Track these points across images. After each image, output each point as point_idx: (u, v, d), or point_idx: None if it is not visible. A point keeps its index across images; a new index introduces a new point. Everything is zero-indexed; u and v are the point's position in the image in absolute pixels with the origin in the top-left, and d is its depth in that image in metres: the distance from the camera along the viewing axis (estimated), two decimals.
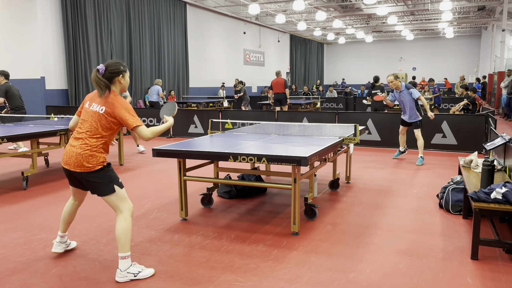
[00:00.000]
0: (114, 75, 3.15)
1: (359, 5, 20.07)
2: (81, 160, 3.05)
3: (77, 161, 3.06)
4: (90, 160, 3.05)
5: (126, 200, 3.19)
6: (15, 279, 3.17)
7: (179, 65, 17.69)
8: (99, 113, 3.09)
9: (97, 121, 3.08)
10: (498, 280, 3.14)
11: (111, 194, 3.12)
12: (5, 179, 6.49)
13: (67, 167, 3.13)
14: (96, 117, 3.09)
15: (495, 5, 19.50)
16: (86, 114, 3.15)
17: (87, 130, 3.09)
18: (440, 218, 4.55)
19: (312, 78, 32.22)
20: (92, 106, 3.14)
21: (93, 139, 3.08)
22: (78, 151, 3.06)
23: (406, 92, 7.25)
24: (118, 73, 3.16)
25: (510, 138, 4.48)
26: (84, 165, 3.05)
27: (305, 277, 3.19)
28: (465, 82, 18.38)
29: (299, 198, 4.00)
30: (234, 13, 21.06)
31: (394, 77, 7.12)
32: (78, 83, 13.14)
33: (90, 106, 3.15)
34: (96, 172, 3.08)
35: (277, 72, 13.40)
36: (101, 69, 3.11)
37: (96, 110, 3.10)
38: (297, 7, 16.36)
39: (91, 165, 3.06)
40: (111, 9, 14.01)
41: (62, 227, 3.53)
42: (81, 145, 3.07)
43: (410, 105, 7.29)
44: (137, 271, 3.14)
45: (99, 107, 3.10)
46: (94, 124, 3.09)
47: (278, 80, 13.10)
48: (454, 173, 6.64)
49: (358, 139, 5.09)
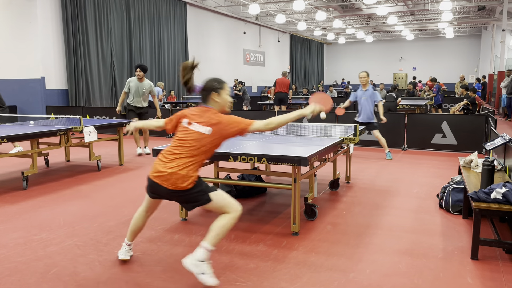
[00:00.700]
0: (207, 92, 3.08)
1: (359, 5, 20.07)
2: (177, 180, 2.92)
3: (172, 179, 2.92)
4: (186, 180, 2.93)
5: (231, 205, 3.04)
6: (15, 279, 3.17)
7: (179, 65, 17.69)
8: (205, 134, 2.98)
9: (201, 141, 2.97)
10: (498, 280, 3.14)
11: (209, 203, 3.00)
12: (5, 179, 6.49)
13: (158, 181, 2.96)
14: (201, 138, 2.97)
15: (495, 5, 19.50)
16: (186, 134, 3.02)
17: (186, 152, 2.96)
18: (440, 218, 4.55)
19: (312, 78, 32.21)
20: (192, 125, 3.02)
21: (192, 161, 2.96)
22: (174, 171, 2.92)
23: (370, 93, 7.33)
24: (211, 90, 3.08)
25: (510, 138, 4.48)
26: (179, 185, 2.93)
27: (305, 277, 3.19)
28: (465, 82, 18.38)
29: (299, 198, 3.99)
30: (234, 13, 21.06)
31: (367, 74, 7.28)
32: (78, 83, 13.14)
33: (190, 125, 3.03)
34: (190, 190, 2.96)
35: (283, 72, 13.48)
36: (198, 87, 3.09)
37: (199, 131, 2.99)
38: (297, 7, 16.36)
39: (187, 183, 2.93)
40: (111, 9, 14.01)
41: (131, 236, 3.40)
42: (178, 165, 2.93)
43: (369, 106, 7.35)
44: (207, 272, 2.96)
45: (203, 128, 2.98)
46: (196, 145, 2.97)
47: (283, 79, 13.16)
48: (454, 173, 6.64)
49: (358, 139, 5.09)
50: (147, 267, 3.36)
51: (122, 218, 4.58)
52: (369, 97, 7.37)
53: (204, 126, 2.99)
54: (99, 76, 13.72)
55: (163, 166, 2.97)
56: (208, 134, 2.98)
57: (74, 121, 7.45)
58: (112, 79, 14.27)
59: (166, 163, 2.98)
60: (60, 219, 4.57)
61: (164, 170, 2.95)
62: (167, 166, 2.96)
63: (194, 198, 3.00)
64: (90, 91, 13.45)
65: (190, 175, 2.95)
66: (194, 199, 3.00)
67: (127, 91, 8.20)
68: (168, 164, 2.97)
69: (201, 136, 2.98)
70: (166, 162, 2.98)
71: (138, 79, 8.12)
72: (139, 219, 3.34)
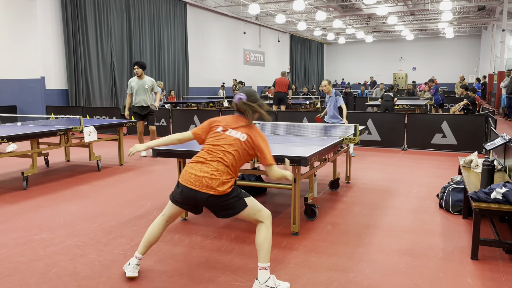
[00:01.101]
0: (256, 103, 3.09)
1: (359, 5, 20.07)
2: (216, 182, 2.88)
3: (211, 182, 2.88)
4: (225, 183, 2.90)
5: (263, 209, 3.02)
6: (15, 279, 3.17)
7: (179, 65, 17.69)
8: (242, 141, 2.99)
9: (238, 148, 2.97)
10: (498, 280, 3.15)
11: (244, 209, 2.97)
12: (5, 179, 6.49)
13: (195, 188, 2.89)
14: (239, 145, 2.98)
15: (495, 5, 19.50)
16: (221, 139, 3.01)
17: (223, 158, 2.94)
18: (440, 218, 4.55)
19: (312, 78, 32.21)
20: (229, 131, 3.02)
21: (228, 167, 2.94)
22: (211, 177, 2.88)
23: (333, 99, 7.87)
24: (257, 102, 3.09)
25: (510, 138, 4.48)
26: (218, 190, 2.88)
27: (305, 277, 3.19)
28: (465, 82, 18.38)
29: (299, 198, 4.00)
30: (234, 13, 21.06)
31: (328, 83, 7.89)
32: (78, 83, 13.14)
33: (226, 131, 3.03)
34: (228, 195, 2.92)
35: (283, 72, 13.48)
36: (243, 97, 3.06)
37: (236, 137, 3.00)
38: (297, 7, 16.36)
39: (225, 188, 2.90)
40: (111, 9, 14.01)
41: (144, 249, 3.17)
42: (213, 171, 2.90)
43: (332, 109, 7.89)
44: (275, 285, 2.95)
45: (239, 134, 3.00)
46: (232, 151, 2.96)
47: (282, 79, 13.16)
48: (454, 173, 6.64)
49: (358, 139, 5.09)
50: (147, 267, 3.36)
51: (122, 218, 4.58)
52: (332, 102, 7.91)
53: (239, 132, 3.02)
54: (99, 76, 13.72)
55: (200, 171, 2.91)
56: (243, 141, 2.99)
57: (74, 121, 7.45)
58: (112, 79, 14.27)
59: (202, 168, 2.92)
60: (60, 219, 4.57)
61: (202, 174, 2.90)
62: (205, 170, 2.91)
63: (232, 204, 2.94)
64: (90, 91, 13.45)
65: (228, 181, 2.92)
66: (232, 205, 2.94)
67: (130, 92, 8.09)
68: (205, 168, 2.92)
69: (237, 142, 2.98)
70: (203, 167, 2.93)
71: (138, 77, 8.00)
72: (157, 228, 3.15)
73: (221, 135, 3.03)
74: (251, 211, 2.99)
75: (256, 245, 2.99)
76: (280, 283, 3.00)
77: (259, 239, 2.98)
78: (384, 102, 11.86)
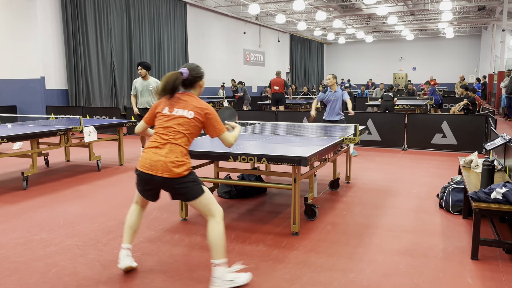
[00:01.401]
0: (197, 79, 3.12)
1: (359, 5, 20.07)
2: (172, 167, 2.89)
3: (166, 167, 2.89)
4: (181, 165, 2.91)
5: (217, 203, 3.04)
6: (15, 279, 3.17)
7: (179, 65, 17.67)
8: (187, 118, 2.98)
9: (186, 125, 2.97)
10: (498, 280, 3.14)
11: (201, 196, 2.97)
12: (5, 179, 6.49)
13: (152, 173, 2.91)
14: (185, 122, 2.98)
15: (495, 5, 19.49)
16: (169, 120, 3.00)
17: (175, 137, 2.96)
18: (440, 218, 4.55)
19: (312, 78, 32.21)
20: (175, 111, 3.01)
21: (181, 146, 2.95)
22: (167, 159, 2.90)
23: (339, 93, 7.75)
24: (200, 77, 3.14)
25: (510, 138, 4.47)
26: (174, 171, 2.89)
27: (305, 277, 3.19)
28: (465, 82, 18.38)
29: (299, 198, 4.00)
30: (234, 13, 21.05)
31: (333, 77, 7.77)
32: (78, 83, 13.13)
33: (172, 111, 3.02)
34: (185, 177, 2.94)
35: (277, 72, 13.43)
36: (185, 73, 3.06)
37: (183, 115, 2.99)
38: (297, 7, 16.35)
39: (181, 170, 2.91)
40: (111, 9, 14.01)
41: (129, 237, 3.22)
42: (168, 152, 2.91)
43: (338, 104, 7.74)
44: (234, 278, 2.98)
45: (185, 111, 2.99)
46: (181, 130, 2.97)
47: (277, 79, 13.12)
48: (454, 173, 6.64)
49: (358, 139, 5.09)
50: (147, 267, 3.36)
51: (122, 218, 4.58)
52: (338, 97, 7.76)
53: (186, 110, 3.01)
54: (99, 76, 13.72)
55: (155, 154, 2.93)
56: (191, 118, 2.99)
57: (74, 121, 7.45)
58: (112, 79, 14.26)
59: (157, 151, 2.94)
60: (60, 219, 4.57)
61: (158, 158, 2.91)
62: (160, 153, 2.93)
63: (188, 187, 2.95)
64: (90, 91, 13.44)
65: (184, 161, 2.95)
66: (189, 189, 2.95)
67: (135, 93, 7.97)
68: (160, 151, 2.93)
69: (185, 120, 2.98)
70: (157, 150, 2.94)
71: (142, 78, 7.87)
72: (133, 216, 3.23)
73: (169, 116, 3.02)
74: (206, 200, 2.99)
75: (208, 242, 2.99)
76: (239, 275, 3.02)
77: (211, 236, 2.97)
78: (384, 102, 11.86)
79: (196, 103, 3.04)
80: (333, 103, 7.71)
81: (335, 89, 7.74)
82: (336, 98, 7.70)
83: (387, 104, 11.70)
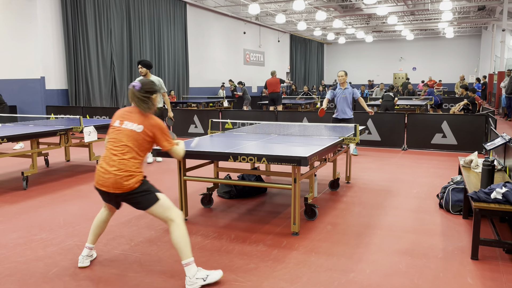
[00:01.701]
0: (149, 94, 3.12)
1: (359, 5, 20.07)
2: (120, 181, 2.95)
3: (116, 182, 2.96)
4: (130, 179, 2.96)
5: (174, 208, 3.07)
6: (15, 279, 3.17)
7: (179, 65, 17.68)
8: (136, 132, 3.01)
9: (134, 141, 3.00)
10: (498, 280, 3.15)
11: (155, 204, 3.02)
12: (5, 179, 6.49)
13: (104, 189, 3.01)
14: (133, 137, 3.01)
15: (495, 5, 19.49)
16: (119, 133, 3.05)
17: (123, 151, 3.00)
18: (440, 218, 4.55)
19: (312, 78, 32.21)
20: (124, 124, 3.05)
21: (130, 160, 2.98)
22: (116, 174, 2.95)
23: (350, 90, 7.66)
24: (152, 93, 3.13)
25: (510, 138, 4.47)
26: (125, 186, 2.96)
27: (305, 277, 3.19)
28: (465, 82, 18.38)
29: (299, 198, 3.99)
30: (234, 13, 21.06)
31: (345, 74, 7.63)
32: (78, 83, 13.14)
33: (122, 125, 3.06)
34: (136, 189, 3.00)
35: (272, 72, 13.44)
36: (137, 86, 3.08)
37: (132, 128, 3.03)
38: (297, 7, 16.35)
39: (130, 184, 2.96)
40: (111, 9, 14.01)
41: (92, 238, 3.36)
42: (118, 168, 2.96)
43: (348, 102, 7.66)
44: (206, 275, 3.03)
45: (135, 125, 3.03)
46: (130, 144, 3.01)
47: (273, 79, 13.12)
48: (454, 173, 6.64)
49: (358, 139, 5.09)
50: (147, 267, 3.36)
51: (122, 218, 4.58)
52: (347, 94, 7.68)
53: (135, 124, 3.05)
54: (99, 76, 13.72)
55: (106, 172, 2.99)
56: (139, 132, 3.03)
57: (74, 121, 7.45)
58: (112, 79, 14.27)
59: (107, 168, 2.99)
60: (60, 219, 4.57)
61: (108, 176, 2.98)
62: (110, 170, 2.98)
63: (141, 198, 3.02)
64: (90, 91, 13.44)
65: (133, 174, 2.99)
66: (142, 199, 3.02)
67: None
68: (110, 168, 2.98)
69: (134, 134, 3.03)
70: (105, 168, 3.00)
71: (143, 77, 7.47)
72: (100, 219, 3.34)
73: (118, 129, 3.08)
74: (161, 208, 3.04)
75: (173, 245, 3.05)
76: (210, 273, 3.06)
77: (173, 239, 3.02)
78: (384, 102, 11.86)
79: (145, 117, 3.08)
80: (343, 101, 7.61)
81: (345, 86, 7.65)
82: (346, 96, 7.62)
83: (387, 104, 11.70)
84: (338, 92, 7.69)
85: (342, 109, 7.64)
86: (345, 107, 7.63)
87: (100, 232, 3.38)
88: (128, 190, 2.98)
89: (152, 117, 3.12)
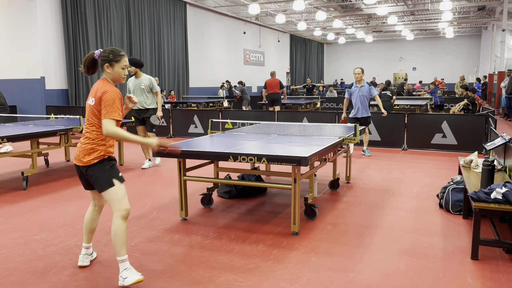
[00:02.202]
0: (103, 62, 3.10)
1: (359, 5, 20.07)
2: (83, 153, 3.03)
3: (80, 153, 3.05)
4: (91, 153, 3.02)
5: (123, 200, 3.05)
6: (15, 279, 3.17)
7: (179, 65, 17.68)
8: (91, 105, 3.06)
9: (91, 114, 3.05)
10: (498, 280, 3.14)
11: (108, 189, 3.01)
12: (5, 179, 6.49)
13: (75, 162, 3.11)
14: (90, 110, 3.06)
15: (495, 5, 19.50)
16: (86, 110, 3.13)
17: (86, 124, 3.10)
18: (440, 218, 4.55)
19: (312, 78, 32.19)
20: (88, 100, 3.14)
21: (93, 133, 3.05)
22: (81, 145, 3.06)
23: (366, 88, 7.58)
24: (104, 61, 3.08)
25: (510, 138, 4.47)
26: (83, 160, 3.03)
27: (305, 277, 3.19)
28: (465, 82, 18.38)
29: (299, 198, 3.99)
30: (234, 13, 21.06)
31: (362, 71, 7.52)
32: (78, 83, 13.14)
33: (88, 101, 3.15)
34: (94, 166, 3.02)
35: (271, 72, 13.44)
36: (97, 54, 3.12)
37: (89, 103, 3.09)
38: (297, 7, 16.35)
39: (90, 158, 3.01)
40: (111, 9, 14.01)
41: (86, 237, 3.34)
42: (83, 139, 3.07)
43: (365, 100, 7.60)
44: (126, 276, 2.98)
45: (91, 99, 3.09)
46: (89, 117, 3.07)
47: (273, 80, 13.12)
48: (454, 173, 6.64)
49: (358, 139, 5.09)
50: (147, 267, 3.36)
51: None
52: (364, 92, 7.60)
53: (91, 97, 3.08)
54: (99, 76, 13.65)
55: (78, 144, 3.11)
56: (93, 105, 3.05)
57: (74, 121, 7.45)
58: None
59: (79, 141, 3.12)
60: (60, 219, 4.57)
61: (77, 149, 3.10)
62: (79, 144, 3.11)
63: (96, 177, 3.03)
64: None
65: (95, 148, 3.03)
66: (97, 177, 3.03)
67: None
68: (80, 141, 3.12)
69: (90, 108, 3.07)
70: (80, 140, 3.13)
71: (133, 76, 7.24)
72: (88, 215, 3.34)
73: (87, 106, 3.14)
74: (113, 195, 3.03)
75: (111, 237, 3.06)
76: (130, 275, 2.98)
77: (112, 232, 3.03)
78: (382, 102, 11.78)
79: (100, 87, 3.06)
80: (360, 99, 7.53)
81: (362, 84, 7.55)
82: (363, 93, 7.54)
83: (385, 104, 11.57)
84: (354, 90, 7.59)
85: (360, 107, 7.56)
86: (364, 105, 7.54)
87: (92, 229, 3.34)
88: (86, 164, 3.03)
89: (105, 90, 3.01)
